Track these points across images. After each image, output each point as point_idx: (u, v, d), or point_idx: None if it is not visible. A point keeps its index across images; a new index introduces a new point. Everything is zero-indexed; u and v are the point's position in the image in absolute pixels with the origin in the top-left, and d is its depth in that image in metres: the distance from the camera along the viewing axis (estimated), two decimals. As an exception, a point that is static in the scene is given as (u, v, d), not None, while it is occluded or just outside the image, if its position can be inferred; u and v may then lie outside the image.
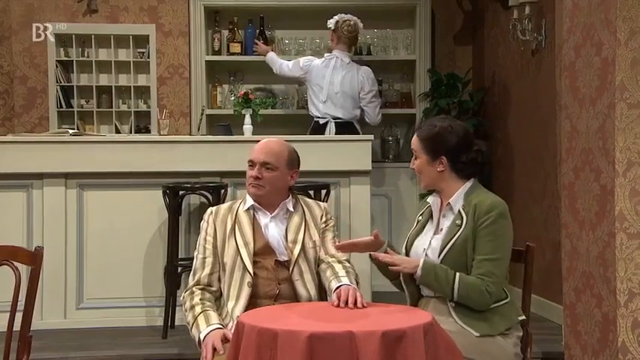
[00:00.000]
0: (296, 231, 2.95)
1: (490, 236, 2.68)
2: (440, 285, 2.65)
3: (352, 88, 5.52)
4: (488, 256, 2.67)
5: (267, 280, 2.87)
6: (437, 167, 2.80)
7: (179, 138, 5.10)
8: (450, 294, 2.65)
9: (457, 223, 2.74)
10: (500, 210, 2.72)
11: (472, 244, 2.70)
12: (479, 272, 2.66)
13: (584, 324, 3.16)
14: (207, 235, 2.95)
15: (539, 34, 4.94)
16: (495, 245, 2.68)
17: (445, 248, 2.72)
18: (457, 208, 2.77)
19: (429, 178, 2.83)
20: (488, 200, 2.74)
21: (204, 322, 2.76)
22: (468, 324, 2.65)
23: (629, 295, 2.87)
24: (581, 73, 3.19)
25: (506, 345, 2.69)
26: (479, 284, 2.64)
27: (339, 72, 5.51)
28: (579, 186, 3.21)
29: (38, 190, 4.54)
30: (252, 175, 2.93)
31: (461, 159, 2.79)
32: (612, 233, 2.89)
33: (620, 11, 2.87)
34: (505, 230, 2.72)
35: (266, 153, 2.94)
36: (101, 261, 4.56)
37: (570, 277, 3.30)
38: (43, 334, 4.11)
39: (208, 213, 3.01)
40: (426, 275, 2.66)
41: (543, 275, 4.77)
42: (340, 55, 5.53)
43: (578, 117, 3.22)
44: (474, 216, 2.71)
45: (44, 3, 6.40)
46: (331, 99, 5.50)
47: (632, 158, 2.88)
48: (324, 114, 5.50)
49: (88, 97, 6.53)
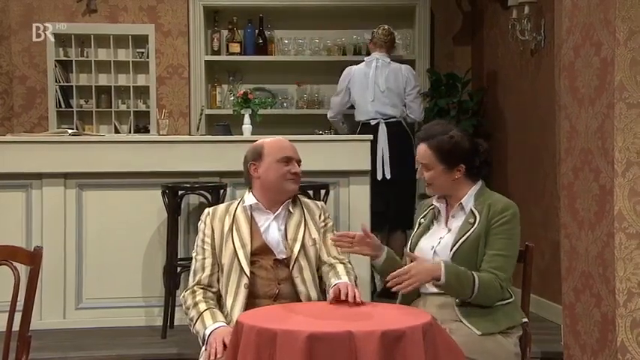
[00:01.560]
0: (296, 229, 2.93)
1: (504, 234, 2.72)
2: (462, 288, 2.62)
3: (397, 85, 5.52)
4: (501, 252, 2.70)
5: (266, 280, 2.86)
6: (454, 175, 2.82)
7: (178, 138, 5.09)
8: (469, 294, 2.63)
9: (470, 221, 2.76)
10: (514, 211, 2.78)
11: (484, 242, 2.72)
12: (491, 266, 2.68)
13: (583, 324, 3.16)
14: (205, 237, 2.94)
15: (538, 34, 4.94)
16: (508, 243, 2.72)
17: (457, 244, 2.73)
18: (469, 208, 2.80)
19: (444, 186, 2.84)
20: (502, 200, 2.81)
21: (211, 318, 2.75)
22: (471, 322, 2.65)
23: (628, 295, 2.87)
24: (581, 73, 3.19)
25: (507, 344, 2.69)
26: (493, 279, 2.65)
27: (382, 71, 5.51)
28: (578, 186, 3.21)
29: (37, 190, 4.54)
30: (295, 171, 2.92)
31: (475, 163, 2.84)
32: (611, 233, 2.90)
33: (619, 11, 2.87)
34: (517, 231, 2.78)
35: (295, 150, 2.97)
36: (100, 261, 4.56)
37: (569, 277, 3.30)
38: (42, 334, 4.11)
39: (205, 214, 2.99)
40: (449, 280, 2.61)
41: (542, 275, 4.77)
42: (380, 57, 5.55)
43: (577, 117, 3.22)
44: (487, 215, 2.75)
45: (43, 3, 6.40)
46: (378, 98, 5.48)
47: (632, 158, 2.88)
48: (375, 113, 5.46)
49: (87, 97, 6.53)
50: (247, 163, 2.98)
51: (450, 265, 2.65)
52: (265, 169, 2.92)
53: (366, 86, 5.48)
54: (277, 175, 2.90)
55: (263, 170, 2.92)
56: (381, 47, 5.57)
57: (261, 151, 2.95)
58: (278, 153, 2.93)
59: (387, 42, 5.59)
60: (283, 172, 2.90)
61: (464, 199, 2.82)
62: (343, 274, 2.85)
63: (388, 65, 5.55)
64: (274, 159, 2.91)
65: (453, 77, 6.07)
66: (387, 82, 5.49)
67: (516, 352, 2.73)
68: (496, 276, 2.66)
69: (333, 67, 6.53)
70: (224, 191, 4.38)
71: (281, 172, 2.90)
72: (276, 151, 2.93)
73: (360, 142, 4.70)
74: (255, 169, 2.94)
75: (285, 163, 2.92)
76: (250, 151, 3.00)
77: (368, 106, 5.47)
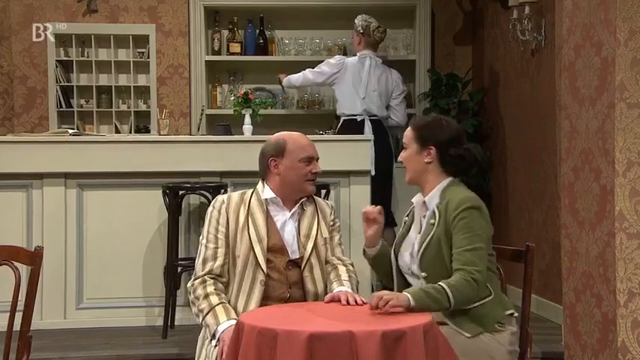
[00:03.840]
0: (309, 226, 2.91)
1: (464, 230, 2.65)
2: (437, 302, 2.55)
3: (387, 88, 5.66)
4: (465, 247, 2.63)
5: (278, 282, 2.82)
6: (424, 158, 2.78)
7: (179, 138, 5.09)
8: (447, 304, 2.57)
9: (431, 222, 2.73)
10: (470, 204, 2.68)
11: (446, 242, 2.67)
12: (459, 263, 2.62)
13: (583, 324, 3.16)
14: (219, 225, 2.86)
15: (538, 34, 4.94)
16: (470, 237, 2.64)
17: (421, 249, 2.71)
18: (432, 207, 2.75)
19: (415, 169, 2.81)
20: (458, 196, 2.71)
21: (225, 314, 2.70)
22: (457, 324, 2.63)
23: (629, 295, 2.87)
24: (581, 73, 3.19)
25: (500, 341, 2.66)
26: (462, 278, 2.58)
27: (375, 71, 5.61)
28: (579, 186, 3.21)
29: (38, 190, 4.54)
30: (315, 170, 2.90)
31: (449, 152, 2.77)
32: (612, 233, 2.90)
33: (619, 11, 2.87)
34: (478, 223, 2.67)
35: (315, 148, 2.95)
36: (101, 261, 4.56)
37: (570, 277, 3.30)
38: (42, 334, 4.11)
39: (220, 202, 2.91)
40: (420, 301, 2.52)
41: (543, 275, 4.77)
42: (373, 56, 5.64)
43: (577, 117, 3.23)
44: (445, 213, 2.69)
45: (44, 3, 6.40)
46: (369, 96, 5.56)
47: (632, 158, 2.88)
48: (362, 110, 5.53)
49: (87, 97, 6.53)
50: (267, 158, 2.91)
51: (415, 292, 2.55)
52: (287, 167, 2.87)
53: (359, 82, 5.55)
54: (299, 174, 2.87)
55: (284, 168, 2.88)
56: (373, 46, 5.67)
57: (283, 148, 2.89)
58: (301, 152, 2.89)
59: (380, 42, 5.71)
60: (305, 172, 2.88)
61: (428, 196, 2.78)
62: (345, 279, 2.85)
63: (380, 66, 5.67)
64: (297, 158, 2.88)
65: (453, 77, 6.07)
66: (379, 83, 5.60)
67: (510, 349, 2.69)
68: (466, 271, 2.59)
69: (333, 68, 6.55)
70: (224, 191, 4.37)
71: (303, 172, 2.88)
72: (299, 150, 2.89)
73: (361, 142, 4.70)
74: (276, 166, 2.89)
75: (307, 163, 2.89)
76: (272, 146, 2.92)
77: (357, 102, 5.54)
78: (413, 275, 2.78)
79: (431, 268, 2.69)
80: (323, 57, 6.50)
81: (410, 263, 2.78)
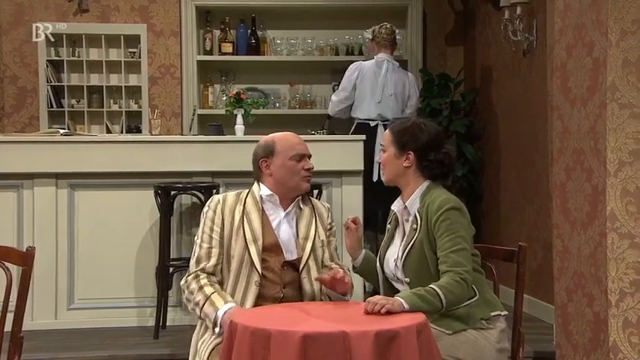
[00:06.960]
0: (307, 227, 2.91)
1: (447, 232, 2.65)
2: (430, 304, 2.54)
3: (403, 93, 5.50)
4: (450, 249, 2.63)
5: (272, 282, 2.82)
6: (403, 162, 2.78)
7: (170, 138, 5.08)
8: (440, 305, 2.56)
9: (414, 227, 2.73)
10: (450, 205, 2.68)
11: (429, 245, 2.68)
12: (447, 265, 2.62)
13: (575, 323, 3.17)
14: (214, 225, 2.86)
15: (530, 35, 4.95)
16: (453, 239, 2.64)
17: (404, 254, 2.72)
18: (414, 212, 2.76)
19: (393, 172, 2.81)
20: (439, 198, 2.71)
21: (221, 299, 2.70)
22: (439, 325, 2.62)
23: (620, 295, 2.88)
24: (573, 73, 3.20)
25: (487, 338, 2.66)
26: (452, 277, 2.59)
27: (392, 75, 5.46)
28: (571, 186, 3.22)
29: (29, 190, 4.52)
30: (308, 167, 2.90)
31: (428, 157, 2.77)
32: (603, 233, 2.91)
33: (611, 12, 2.89)
34: (460, 223, 2.68)
35: (306, 145, 2.95)
36: (92, 261, 4.54)
37: (562, 277, 3.31)
38: (33, 335, 4.09)
39: (215, 201, 2.90)
40: (414, 305, 2.51)
41: (535, 275, 4.78)
42: (390, 59, 5.50)
43: (569, 117, 3.24)
44: (426, 217, 2.70)
45: (35, 2, 6.38)
46: (385, 100, 5.43)
47: (624, 158, 2.89)
48: (377, 115, 5.41)
49: (78, 96, 6.51)
50: (258, 160, 2.92)
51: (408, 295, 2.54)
52: (278, 166, 2.88)
53: (376, 86, 5.44)
54: (291, 172, 2.88)
55: (276, 168, 2.88)
56: (385, 47, 5.50)
57: (272, 148, 2.90)
58: (290, 151, 2.89)
59: (391, 41, 5.52)
60: (297, 169, 2.88)
61: (408, 201, 2.79)
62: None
63: (397, 69, 5.52)
64: (287, 156, 2.88)
65: (445, 77, 6.08)
66: (396, 87, 5.45)
67: (499, 347, 2.69)
68: (455, 272, 2.59)
69: (325, 68, 6.55)
70: (217, 191, 4.36)
71: (295, 169, 2.88)
72: (288, 148, 2.90)
73: (354, 142, 4.69)
74: (267, 166, 2.90)
75: (298, 161, 2.89)
76: (261, 147, 2.94)
77: (372, 107, 5.42)
78: (398, 281, 2.79)
79: (414, 272, 2.70)
80: (315, 57, 6.52)
81: (394, 270, 2.78)
